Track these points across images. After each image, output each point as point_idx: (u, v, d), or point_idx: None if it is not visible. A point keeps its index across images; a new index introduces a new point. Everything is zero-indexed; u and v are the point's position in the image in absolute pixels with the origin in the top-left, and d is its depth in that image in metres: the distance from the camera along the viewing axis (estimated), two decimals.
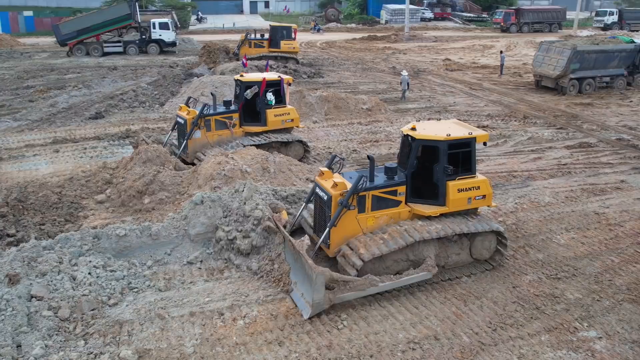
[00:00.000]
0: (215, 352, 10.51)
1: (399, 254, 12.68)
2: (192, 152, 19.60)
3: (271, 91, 20.30)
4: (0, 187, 17.68)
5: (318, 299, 11.36)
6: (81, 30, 48.67)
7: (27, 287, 11.27)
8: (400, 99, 32.92)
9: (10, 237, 14.17)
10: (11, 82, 37.52)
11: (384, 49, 56.73)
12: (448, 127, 13.68)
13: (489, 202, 13.69)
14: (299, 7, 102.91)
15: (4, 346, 9.87)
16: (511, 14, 74.55)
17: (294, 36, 43.42)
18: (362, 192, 12.62)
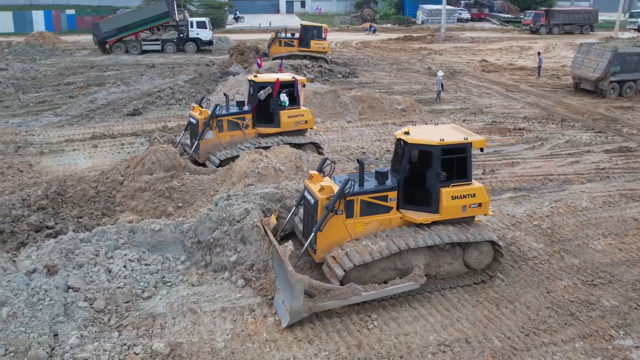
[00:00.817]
0: (246, 348, 10.61)
1: (386, 262, 12.26)
2: (203, 153, 19.51)
3: (285, 92, 19.93)
4: (40, 181, 18.14)
5: (297, 307, 10.98)
6: (120, 28, 49.57)
7: (64, 278, 11.55)
8: (435, 100, 32.67)
9: (50, 229, 14.51)
10: (53, 78, 38.43)
11: (419, 50, 56.37)
12: (444, 131, 13.23)
13: (485, 211, 13.15)
14: (335, 7, 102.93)
15: (42, 334, 10.15)
16: (541, 15, 72.52)
17: (324, 36, 43.43)
18: (350, 197, 12.25)
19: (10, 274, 11.31)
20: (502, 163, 21.32)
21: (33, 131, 25.04)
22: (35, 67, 41.89)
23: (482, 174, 20.04)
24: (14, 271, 11.44)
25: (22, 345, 9.92)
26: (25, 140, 23.33)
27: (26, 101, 31.58)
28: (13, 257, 12.27)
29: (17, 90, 34.01)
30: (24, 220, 14.47)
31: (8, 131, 24.49)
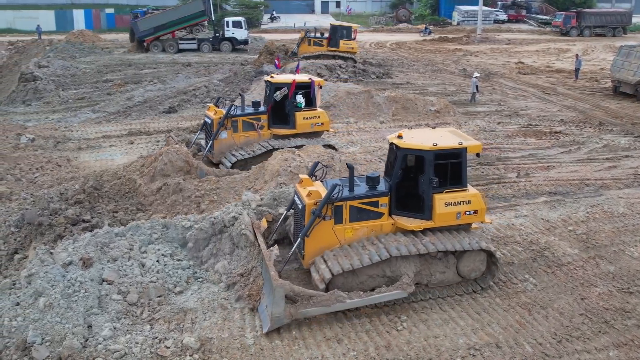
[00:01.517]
0: (274, 345, 10.68)
1: (374, 270, 11.92)
2: (217, 153, 19.49)
3: (301, 93, 19.71)
4: (77, 175, 18.54)
5: (277, 313, 10.79)
6: (158, 27, 50.32)
7: (99, 271, 11.79)
8: (470, 102, 32.34)
9: (86, 222, 14.82)
10: (92, 76, 39.24)
11: (454, 51, 55.88)
12: (440, 135, 12.86)
13: (481, 218, 12.68)
14: (370, 7, 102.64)
15: (76, 325, 10.38)
16: (571, 17, 70.55)
17: (353, 36, 43.37)
18: (339, 202, 11.97)
19: (48, 265, 11.59)
20: (537, 166, 21.00)
21: (72, 127, 25.62)
22: (75, 65, 42.81)
23: (516, 177, 19.78)
24: (51, 263, 11.73)
25: (58, 335, 10.17)
26: (64, 136, 23.89)
27: (66, 98, 32.34)
28: (50, 250, 12.57)
29: (58, 87, 34.82)
30: (61, 214, 14.80)
31: (48, 127, 25.10)
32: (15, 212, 15.29)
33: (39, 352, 9.88)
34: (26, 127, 24.48)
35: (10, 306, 10.70)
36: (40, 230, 14.37)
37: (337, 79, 36.52)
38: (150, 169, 17.37)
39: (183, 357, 10.21)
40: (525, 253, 14.36)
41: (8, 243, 14.41)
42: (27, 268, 11.79)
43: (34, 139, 22.36)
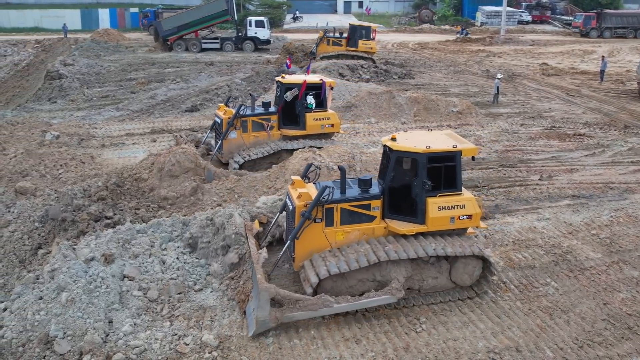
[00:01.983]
0: (293, 344, 10.70)
1: (364, 274, 11.69)
2: (227, 153, 19.41)
3: (312, 94, 19.47)
4: (101, 172, 18.75)
5: (262, 316, 10.65)
6: (181, 26, 50.72)
7: (120, 267, 11.92)
8: (492, 103, 32.08)
9: (108, 219, 14.99)
10: (116, 74, 39.70)
11: (477, 52, 55.46)
12: (435, 138, 12.61)
13: (476, 223, 12.36)
14: (393, 7, 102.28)
15: (97, 320, 10.51)
16: (592, 18, 69.21)
17: (372, 36, 43.23)
18: (329, 205, 11.80)
19: (70, 261, 11.75)
20: (560, 169, 20.75)
21: (96, 124, 25.94)
22: (100, 63, 43.33)
23: (538, 179, 19.57)
24: (74, 258, 11.89)
25: (79, 329, 10.30)
26: (88, 133, 24.18)
27: (90, 95, 32.75)
28: (73, 245, 12.74)
29: (82, 85, 35.29)
30: (84, 210, 14.98)
31: (72, 124, 25.44)
32: (39, 208, 15.53)
33: (61, 346, 10.01)
34: (51, 124, 24.83)
35: (33, 300, 10.86)
36: (64, 226, 14.57)
37: (359, 79, 36.48)
38: (159, 168, 17.45)
39: (202, 355, 10.28)
40: (547, 256, 14.20)
41: (32, 238, 14.65)
42: (50, 263, 11.98)
43: (58, 136, 22.68)
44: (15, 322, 10.46)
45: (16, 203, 16.06)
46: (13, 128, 23.23)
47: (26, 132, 22.90)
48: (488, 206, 17.15)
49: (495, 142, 23.86)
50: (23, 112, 29.32)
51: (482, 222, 12.93)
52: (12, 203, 16.13)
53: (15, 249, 14.45)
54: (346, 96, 29.64)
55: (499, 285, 12.90)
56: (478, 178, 19.56)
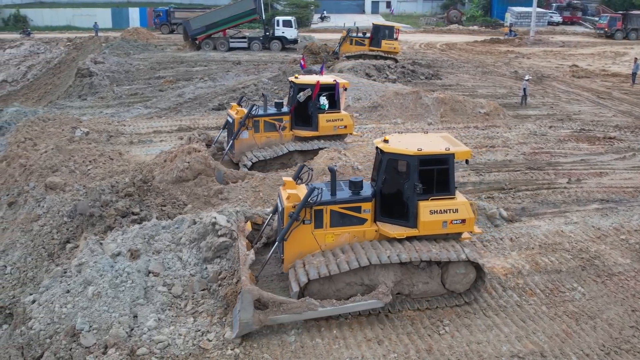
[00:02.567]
0: (315, 343, 10.72)
1: (352, 277, 11.52)
2: (238, 152, 19.32)
3: (325, 95, 19.32)
4: (128, 169, 19.00)
5: (245, 318, 10.57)
6: (209, 25, 51.12)
7: (145, 262, 12.06)
8: (520, 105, 31.70)
9: (135, 215, 15.19)
10: (145, 72, 40.19)
11: (506, 53, 54.84)
12: (429, 141, 12.41)
13: (469, 228, 12.12)
14: (421, 8, 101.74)
15: (122, 315, 10.66)
16: (617, 19, 67.48)
17: (395, 36, 43.05)
18: (318, 206, 11.72)
19: (97, 255, 11.94)
20: (589, 172, 20.41)
21: (124, 121, 26.31)
22: (129, 61, 43.91)
23: (567, 182, 19.28)
24: (100, 253, 12.07)
25: (105, 323, 10.47)
26: (117, 130, 24.53)
27: (119, 93, 33.22)
28: (100, 240, 12.93)
29: (112, 83, 35.81)
30: (112, 206, 15.20)
31: (102, 121, 25.81)
32: (68, 203, 15.79)
33: (87, 339, 10.18)
34: (81, 121, 25.23)
35: (61, 293, 11.06)
36: (92, 221, 14.81)
37: (386, 79, 36.37)
38: (171, 168, 17.46)
39: (224, 351, 10.36)
40: (574, 261, 13.99)
41: (61, 232, 14.92)
42: (77, 257, 12.18)
43: (88, 133, 23.04)
44: (43, 315, 10.66)
45: (46, 198, 16.35)
46: (44, 124, 23.65)
47: (57, 128, 23.30)
48: (514, 209, 16.96)
49: (522, 144, 23.58)
50: (54, 108, 29.85)
51: (476, 227, 12.69)
52: (42, 198, 16.43)
53: (44, 243, 14.73)
54: (372, 96, 29.58)
55: (524, 289, 12.75)
56: (505, 180, 19.35)
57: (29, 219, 15.77)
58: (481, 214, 15.98)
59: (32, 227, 15.35)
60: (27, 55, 51.08)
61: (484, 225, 15.75)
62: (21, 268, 14.32)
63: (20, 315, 10.90)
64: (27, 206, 16.40)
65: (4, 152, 20.33)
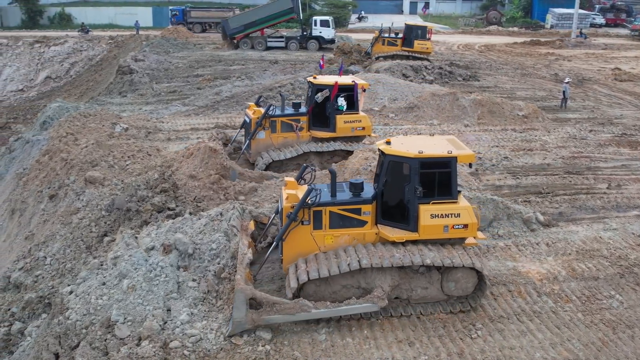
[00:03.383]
0: (345, 343, 10.73)
1: (348, 280, 11.44)
2: (254, 152, 19.29)
3: (343, 96, 19.00)
4: (156, 165, 19.25)
5: (238, 317, 10.61)
6: (247, 24, 51.51)
7: (176, 257, 12.18)
8: (560, 108, 31.11)
9: (171, 210, 15.41)
10: (183, 70, 40.74)
11: (546, 55, 53.87)
12: (433, 143, 12.20)
13: (472, 233, 11.90)
14: (460, 8, 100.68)
15: (156, 308, 10.84)
16: None
17: (428, 36, 42.63)
18: (317, 207, 11.64)
19: (132, 249, 12.15)
20: (630, 178, 19.92)
21: (162, 118, 26.72)
22: (169, 59, 44.54)
23: (606, 188, 18.86)
24: (135, 247, 12.28)
25: (139, 315, 10.65)
26: (155, 127, 24.94)
27: (158, 90, 33.77)
28: (135, 234, 13.16)
29: (151, 80, 36.41)
30: (148, 201, 15.46)
31: (141, 117, 26.29)
32: (106, 197, 16.13)
33: (121, 330, 10.39)
34: (121, 117, 25.73)
35: (97, 285, 11.31)
36: (128, 215, 15.09)
37: (422, 80, 36.12)
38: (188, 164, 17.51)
39: (255, 347, 10.45)
40: (612, 268, 13.67)
41: (99, 225, 15.24)
42: (113, 250, 12.41)
43: (127, 129, 23.48)
44: (80, 305, 10.91)
45: (85, 191, 16.73)
46: (85, 120, 24.19)
47: (97, 123, 23.80)
48: (551, 213, 16.68)
49: (561, 148, 23.14)
50: (95, 104, 30.53)
51: (480, 233, 12.46)
52: (82, 191, 16.83)
53: (82, 236, 15.08)
54: (409, 97, 29.41)
55: (560, 295, 12.53)
56: (542, 184, 19.03)
57: (68, 212, 16.18)
58: (517, 218, 15.77)
59: (71, 220, 15.73)
60: (70, 52, 52.45)
61: (520, 229, 15.53)
62: (60, 259, 14.68)
63: (58, 305, 11.18)
64: (67, 199, 16.83)
65: (46, 146, 20.87)
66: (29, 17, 75.53)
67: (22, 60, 52.28)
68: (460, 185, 13.16)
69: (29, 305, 13.54)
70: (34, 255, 15.11)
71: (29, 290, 14.10)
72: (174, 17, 65.63)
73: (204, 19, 64.30)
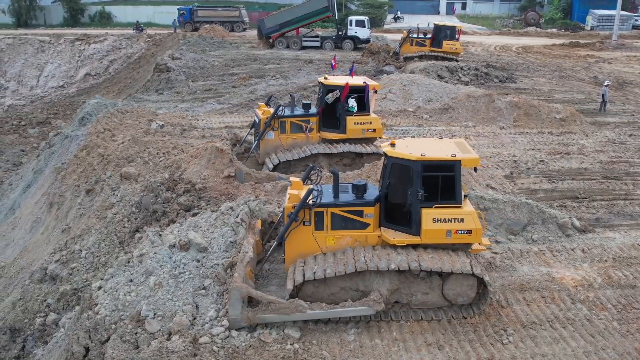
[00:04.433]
0: (374, 344, 10.69)
1: (346, 282, 11.35)
2: (263, 153, 19.12)
3: (354, 97, 18.67)
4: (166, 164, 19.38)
5: (234, 315, 10.69)
6: (283, 24, 51.76)
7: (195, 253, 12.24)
8: (599, 111, 30.44)
9: (199, 208, 15.51)
10: (219, 69, 41.14)
11: (586, 57, 52.77)
12: (438, 146, 12.00)
13: (477, 239, 11.70)
14: (497, 9, 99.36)
15: (185, 304, 10.97)
16: None
17: (457, 37, 42.13)
18: (319, 208, 11.54)
19: (157, 246, 12.28)
20: None
21: (198, 116, 27.04)
22: (205, 58, 45.03)
23: None
24: (160, 244, 12.39)
25: (169, 311, 10.80)
26: (190, 124, 25.24)
27: (194, 88, 34.17)
28: (159, 232, 13.28)
29: (188, 78, 36.88)
30: (174, 201, 15.62)
31: (177, 115, 26.65)
32: (138, 193, 16.35)
33: (151, 325, 10.54)
34: (157, 114, 26.13)
35: (124, 282, 11.50)
36: (156, 216, 15.31)
37: (458, 81, 35.76)
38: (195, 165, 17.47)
39: (284, 345, 10.49)
40: None
41: (131, 221, 15.52)
42: (139, 248, 12.56)
43: (163, 126, 23.82)
44: (109, 301, 11.10)
45: (120, 187, 17.02)
46: (123, 116, 24.64)
47: (134, 120, 24.22)
48: (588, 219, 16.34)
49: (600, 152, 22.63)
50: (132, 101, 31.05)
51: (485, 239, 12.23)
52: (117, 187, 17.13)
53: (116, 230, 15.36)
54: (443, 98, 29.16)
55: (595, 302, 12.26)
56: (579, 189, 18.65)
57: (104, 207, 16.49)
58: (552, 223, 15.49)
59: (106, 215, 16.04)
60: (109, 50, 53.49)
61: (555, 234, 15.26)
62: (95, 253, 14.99)
63: (87, 300, 11.38)
64: (103, 194, 17.16)
65: (84, 142, 21.33)
66: (71, 15, 77.17)
67: (63, 58, 53.61)
68: (469, 189, 12.92)
69: (64, 297, 13.88)
70: (70, 248, 15.46)
71: (64, 282, 14.45)
72: (181, 17, 66.26)
73: (211, 18, 65.00)
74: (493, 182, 18.25)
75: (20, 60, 53.04)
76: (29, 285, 14.83)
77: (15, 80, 51.45)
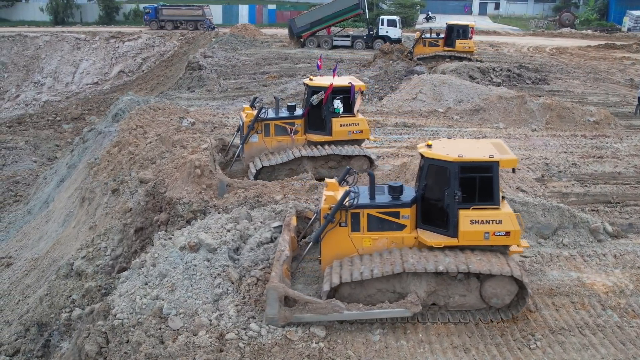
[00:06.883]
0: (400, 345, 10.67)
1: (383, 284, 11.28)
2: (247, 157, 18.63)
3: (339, 98, 18.31)
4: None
5: (271, 314, 10.72)
6: (314, 23, 51.88)
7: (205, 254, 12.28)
8: (635, 115, 29.83)
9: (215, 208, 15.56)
10: (250, 67, 41.46)
11: (622, 59, 51.71)
12: (476, 147, 11.83)
13: (515, 241, 11.55)
14: (531, 10, 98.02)
15: (206, 302, 11.09)
16: None
17: (470, 35, 41.67)
18: (355, 210, 11.52)
19: (168, 249, 12.35)
20: None
21: (228, 114, 27.28)
22: (236, 56, 45.43)
23: None
24: (171, 247, 12.44)
25: (190, 309, 10.92)
26: (220, 122, 25.48)
27: (225, 86, 34.51)
28: (170, 235, 13.34)
29: (219, 76, 37.24)
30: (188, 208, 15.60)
31: (207, 112, 26.93)
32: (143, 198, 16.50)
33: (174, 322, 10.68)
34: (188, 112, 26.42)
35: (140, 285, 11.60)
36: (171, 220, 15.46)
37: (490, 82, 35.41)
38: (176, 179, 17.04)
39: (309, 344, 10.53)
40: None
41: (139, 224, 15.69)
42: (150, 252, 12.64)
43: (194, 123, 24.09)
44: (125, 304, 11.20)
45: (138, 190, 17.21)
46: (155, 113, 24.98)
47: (166, 117, 24.53)
48: (621, 224, 16.03)
49: (634, 156, 22.17)
50: (164, 98, 31.49)
51: (523, 241, 12.08)
52: (135, 190, 17.35)
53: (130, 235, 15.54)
54: (475, 99, 28.91)
55: (627, 309, 12.02)
56: (612, 193, 18.31)
57: (122, 209, 16.71)
58: (583, 227, 15.22)
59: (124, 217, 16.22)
60: (143, 48, 54.30)
61: (586, 239, 14.99)
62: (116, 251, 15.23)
63: (103, 303, 11.55)
64: (124, 196, 17.37)
65: (116, 138, 21.67)
66: (106, 13, 78.63)
67: (98, 55, 54.63)
68: (503, 191, 12.82)
69: (89, 294, 14.12)
70: (96, 245, 15.71)
71: (89, 279, 14.68)
72: (147, 15, 66.76)
73: (175, 16, 65.57)
74: (524, 185, 18.01)
75: (57, 57, 54.23)
76: (55, 281, 15.09)
77: (52, 77, 52.61)
